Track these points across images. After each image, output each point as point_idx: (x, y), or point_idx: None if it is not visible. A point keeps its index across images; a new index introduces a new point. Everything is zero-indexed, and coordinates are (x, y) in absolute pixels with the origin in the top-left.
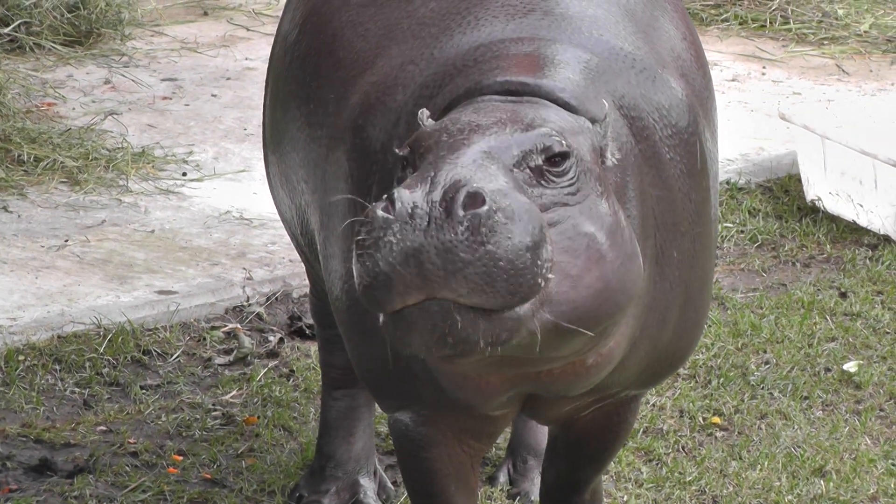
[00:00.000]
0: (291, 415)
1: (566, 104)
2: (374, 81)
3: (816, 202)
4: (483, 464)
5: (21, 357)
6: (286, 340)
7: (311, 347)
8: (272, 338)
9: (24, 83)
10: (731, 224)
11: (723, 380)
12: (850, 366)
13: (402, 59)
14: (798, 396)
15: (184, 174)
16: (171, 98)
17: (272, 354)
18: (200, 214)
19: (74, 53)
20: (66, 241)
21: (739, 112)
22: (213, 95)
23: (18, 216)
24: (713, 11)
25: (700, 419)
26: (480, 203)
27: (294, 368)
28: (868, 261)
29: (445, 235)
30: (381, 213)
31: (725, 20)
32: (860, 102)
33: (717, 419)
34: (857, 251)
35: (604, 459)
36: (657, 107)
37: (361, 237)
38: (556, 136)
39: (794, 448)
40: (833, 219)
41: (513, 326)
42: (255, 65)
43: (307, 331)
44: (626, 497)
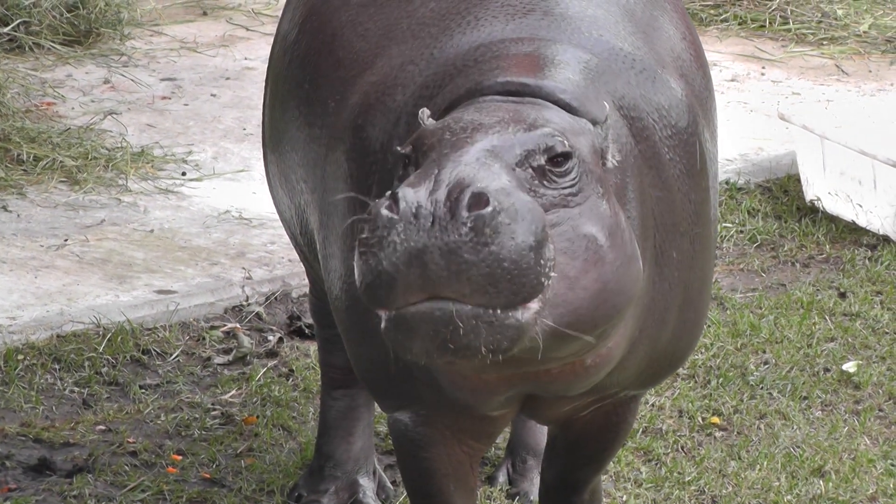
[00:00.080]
0: (290, 414)
1: (567, 105)
2: (374, 81)
3: (816, 202)
4: (482, 463)
5: (20, 356)
6: (285, 340)
7: (311, 347)
8: (271, 337)
9: (24, 82)
10: (731, 224)
11: (722, 380)
12: (850, 366)
13: (402, 59)
14: (797, 396)
15: (183, 174)
16: (171, 98)
17: (271, 354)
18: (200, 214)
19: (74, 53)
20: (66, 241)
21: (739, 112)
22: (213, 95)
23: (18, 215)
24: (712, 11)
25: (699, 419)
26: (484, 204)
27: (293, 368)
28: (867, 261)
29: (450, 236)
30: (385, 212)
31: (725, 20)
32: (859, 103)
33: (717, 419)
34: (857, 251)
35: (603, 459)
36: (657, 107)
37: (365, 235)
38: (559, 137)
39: (794, 448)
40: (832, 219)
41: (514, 334)
42: (255, 65)
43: (306, 330)
44: (626, 497)
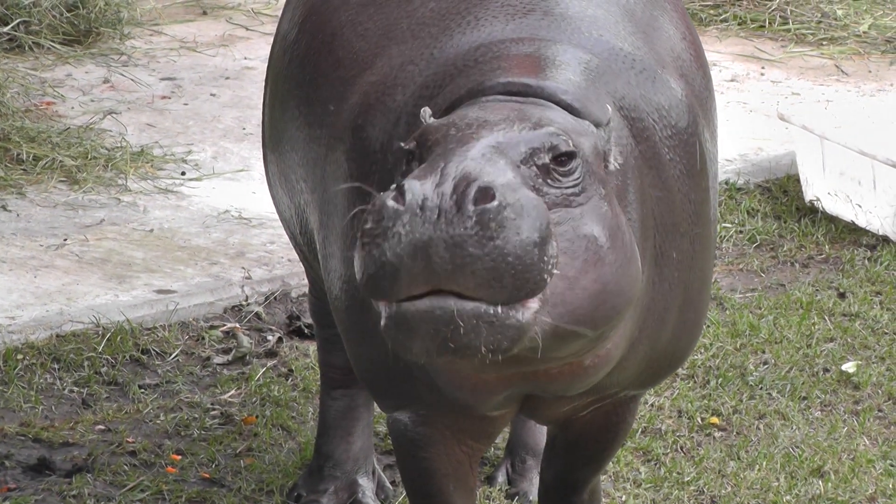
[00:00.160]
0: (290, 414)
1: (569, 106)
2: (374, 81)
3: (815, 202)
4: (481, 463)
5: (20, 356)
6: (285, 340)
7: (310, 347)
8: (271, 337)
9: (23, 82)
10: (730, 224)
11: (721, 380)
12: (849, 366)
13: (402, 59)
14: (796, 397)
15: (182, 173)
16: (170, 97)
17: (271, 354)
18: (199, 214)
19: (73, 52)
20: (65, 241)
21: (738, 112)
22: (212, 95)
23: (17, 215)
24: (712, 12)
25: (698, 419)
26: (491, 198)
27: (293, 368)
28: (867, 261)
29: (455, 230)
30: (391, 203)
31: (724, 20)
32: (859, 103)
33: (716, 419)
34: (856, 251)
35: (602, 459)
36: (657, 107)
37: (369, 226)
38: (564, 136)
39: (793, 448)
40: (832, 219)
41: (514, 334)
42: (254, 64)
43: (306, 330)
44: (625, 497)
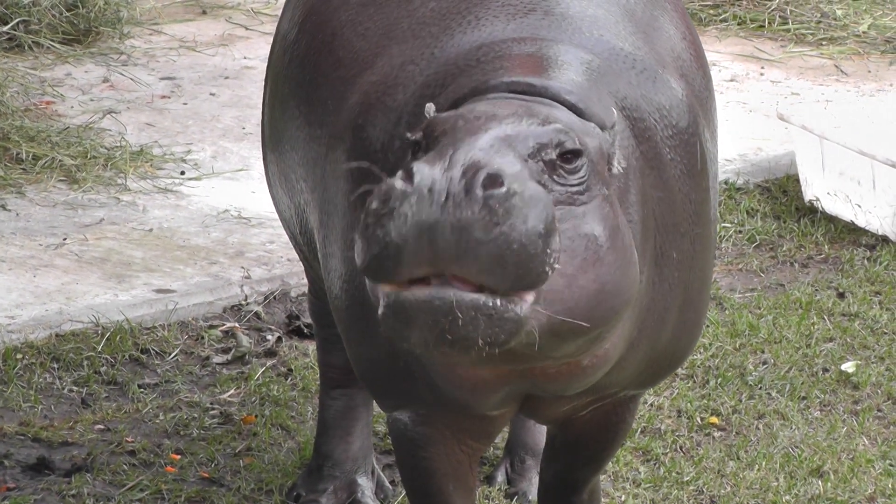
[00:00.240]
0: (289, 414)
1: (573, 106)
2: (375, 81)
3: (815, 202)
4: (481, 463)
5: (19, 355)
6: (284, 339)
7: (309, 346)
8: (270, 337)
9: (23, 81)
10: (730, 224)
11: (721, 380)
12: (848, 366)
13: (403, 59)
14: (796, 397)
15: (182, 173)
16: (170, 97)
17: (270, 353)
18: (199, 213)
19: (73, 52)
20: (65, 240)
21: (738, 112)
22: (212, 94)
23: (17, 214)
24: (712, 11)
25: (698, 419)
26: (499, 185)
27: (292, 367)
28: (866, 261)
29: (462, 213)
30: (400, 184)
31: (724, 20)
32: (858, 103)
33: (715, 419)
34: (856, 251)
35: (602, 459)
36: (658, 107)
37: (375, 206)
38: (571, 134)
39: (792, 448)
40: (831, 219)
41: (512, 328)
42: (254, 64)
43: (305, 330)
44: (624, 497)
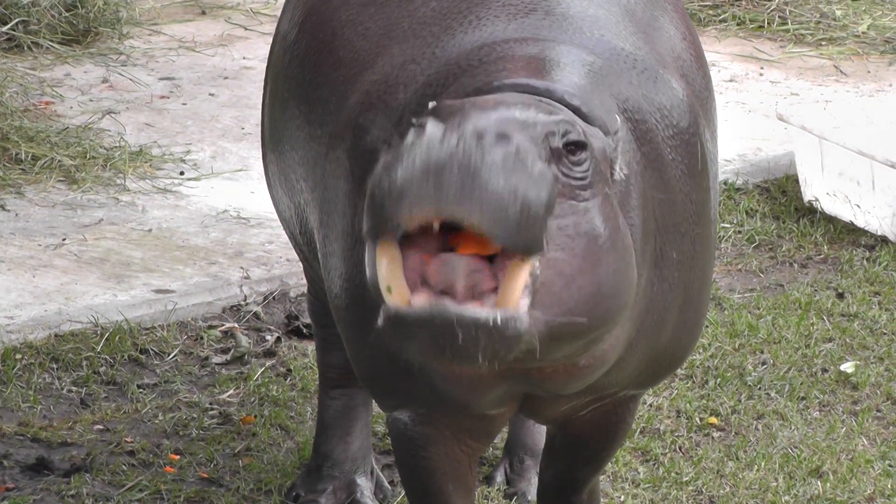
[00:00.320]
0: (288, 414)
1: (577, 110)
2: (375, 80)
3: (814, 203)
4: (480, 463)
5: (18, 356)
6: (283, 339)
7: (309, 347)
8: (269, 337)
9: (22, 82)
10: (729, 224)
11: (720, 380)
12: (848, 366)
13: (404, 58)
14: (795, 397)
15: (181, 173)
16: (169, 97)
17: (269, 353)
18: (198, 213)
19: (72, 52)
20: (64, 240)
21: (737, 112)
22: (211, 94)
23: (16, 215)
24: (711, 12)
25: (697, 419)
26: (509, 143)
27: (291, 368)
28: (865, 261)
29: (471, 158)
30: (412, 134)
31: (723, 20)
32: (858, 103)
33: (714, 419)
34: (855, 252)
35: (602, 460)
36: (659, 107)
37: (387, 157)
38: (577, 126)
39: (791, 448)
40: (830, 219)
41: (512, 343)
42: (253, 64)
43: (304, 330)
44: (623, 497)
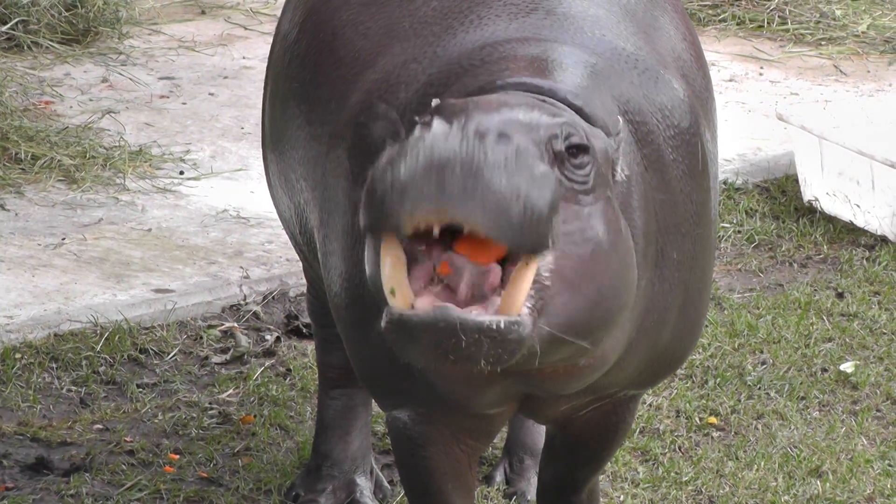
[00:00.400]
0: (288, 414)
1: (579, 111)
2: (377, 79)
3: (814, 203)
4: (479, 463)
5: (18, 355)
6: (283, 339)
7: (308, 346)
8: (269, 336)
9: (22, 81)
10: (729, 224)
11: (719, 380)
12: (847, 366)
13: (405, 57)
14: (795, 397)
15: (181, 173)
16: (169, 97)
17: (269, 353)
18: (197, 213)
19: (72, 52)
20: (63, 240)
21: (737, 112)
22: (211, 94)
23: (16, 214)
24: (711, 11)
25: (696, 419)
26: (512, 143)
27: (291, 367)
28: (865, 261)
29: (474, 158)
30: (418, 130)
31: (723, 20)
32: (858, 103)
33: (714, 419)
34: (854, 252)
35: (602, 459)
36: (660, 108)
37: (391, 151)
38: (579, 128)
39: (791, 448)
40: (830, 219)
41: (515, 348)
42: (253, 64)
43: (304, 330)
44: (623, 497)
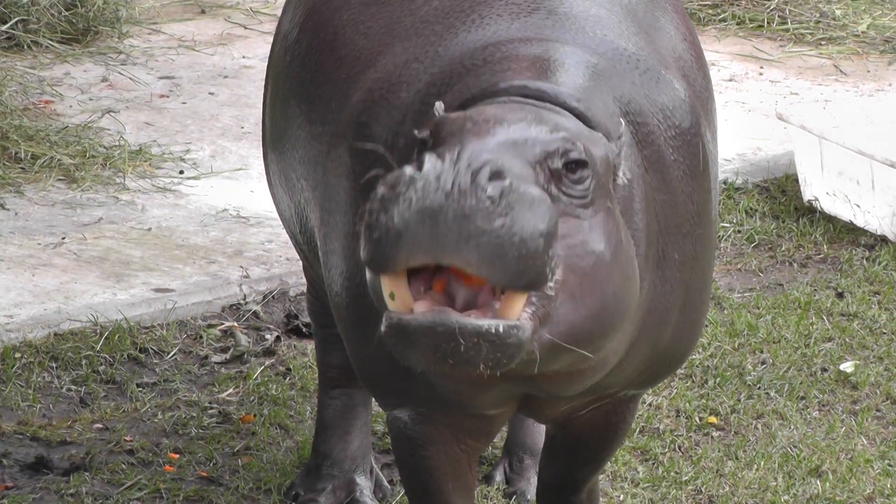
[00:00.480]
0: (288, 413)
1: (581, 115)
2: (378, 78)
3: (813, 202)
4: (479, 463)
5: (17, 354)
6: (283, 339)
7: (308, 346)
8: (269, 336)
9: (22, 81)
10: (729, 224)
11: (719, 380)
12: (847, 366)
13: (406, 57)
14: (794, 396)
15: (181, 172)
16: (169, 96)
17: (269, 353)
18: (197, 212)
19: (72, 51)
20: (63, 239)
21: (737, 112)
22: (211, 93)
23: (16, 214)
24: (711, 11)
25: (696, 419)
26: (504, 179)
27: (290, 367)
28: (865, 261)
29: (466, 201)
30: (409, 170)
31: (723, 20)
32: (858, 103)
33: (714, 419)
34: (854, 251)
35: (602, 459)
36: (661, 108)
37: (382, 192)
38: (578, 144)
39: (791, 448)
40: (830, 219)
41: (514, 353)
42: (253, 63)
43: (304, 329)
44: (623, 496)
